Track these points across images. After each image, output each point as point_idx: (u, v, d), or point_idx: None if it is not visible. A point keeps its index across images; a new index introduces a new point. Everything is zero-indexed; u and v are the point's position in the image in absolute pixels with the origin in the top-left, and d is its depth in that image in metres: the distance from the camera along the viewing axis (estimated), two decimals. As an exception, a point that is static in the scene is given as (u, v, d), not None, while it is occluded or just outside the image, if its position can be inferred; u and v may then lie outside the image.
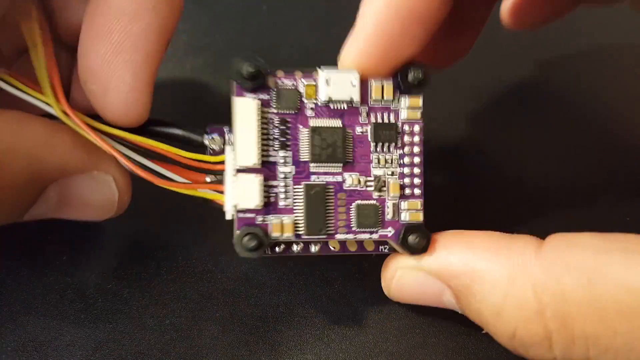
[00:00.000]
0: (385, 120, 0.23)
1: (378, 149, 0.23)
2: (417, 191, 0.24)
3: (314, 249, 0.24)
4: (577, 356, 0.19)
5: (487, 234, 0.22)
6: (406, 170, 0.24)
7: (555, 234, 0.21)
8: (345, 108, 0.23)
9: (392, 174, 0.23)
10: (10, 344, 0.24)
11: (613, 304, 0.18)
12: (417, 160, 0.24)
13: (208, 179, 0.23)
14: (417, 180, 0.24)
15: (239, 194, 0.22)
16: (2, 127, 0.20)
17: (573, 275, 0.19)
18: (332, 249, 0.24)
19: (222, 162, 0.23)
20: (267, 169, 0.22)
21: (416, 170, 0.24)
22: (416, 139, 0.24)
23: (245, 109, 0.22)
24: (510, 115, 0.35)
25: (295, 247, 0.23)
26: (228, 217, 0.22)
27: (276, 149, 0.23)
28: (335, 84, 0.23)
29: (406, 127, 0.23)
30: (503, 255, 0.21)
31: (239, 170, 0.22)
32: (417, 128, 0.24)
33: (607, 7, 0.33)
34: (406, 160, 0.23)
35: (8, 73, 0.22)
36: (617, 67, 0.37)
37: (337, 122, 0.23)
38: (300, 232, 0.22)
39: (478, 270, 0.21)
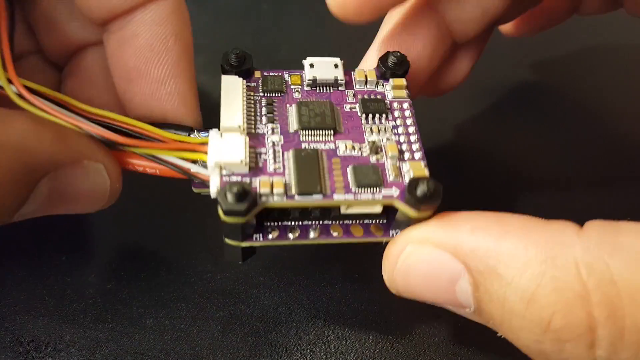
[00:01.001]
0: (373, 97, 0.23)
1: (369, 121, 0.23)
2: (417, 155, 0.21)
3: (312, 234, 0.21)
4: (625, 356, 0.16)
5: (518, 215, 0.19)
6: (402, 138, 0.22)
7: (595, 220, 0.18)
8: (331, 91, 0.23)
9: (388, 139, 0.22)
10: (10, 344, 0.24)
11: None
12: (411, 129, 0.22)
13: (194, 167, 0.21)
14: (415, 146, 0.22)
15: (223, 150, 0.20)
16: None
17: (623, 257, 0.16)
18: (334, 235, 0.21)
19: (206, 144, 0.21)
20: (255, 138, 0.21)
21: (413, 138, 0.22)
22: (407, 113, 0.23)
23: (230, 84, 0.22)
24: (510, 115, 0.35)
25: (291, 235, 0.21)
26: (212, 193, 0.20)
27: (263, 122, 0.22)
28: (319, 67, 0.23)
29: (395, 105, 0.23)
30: (539, 234, 0.17)
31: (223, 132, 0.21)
32: (406, 105, 0.23)
33: (601, 15, 0.33)
34: (400, 130, 0.22)
35: None
36: (617, 68, 0.37)
37: (324, 98, 0.23)
38: (292, 193, 0.20)
39: (507, 250, 0.17)
